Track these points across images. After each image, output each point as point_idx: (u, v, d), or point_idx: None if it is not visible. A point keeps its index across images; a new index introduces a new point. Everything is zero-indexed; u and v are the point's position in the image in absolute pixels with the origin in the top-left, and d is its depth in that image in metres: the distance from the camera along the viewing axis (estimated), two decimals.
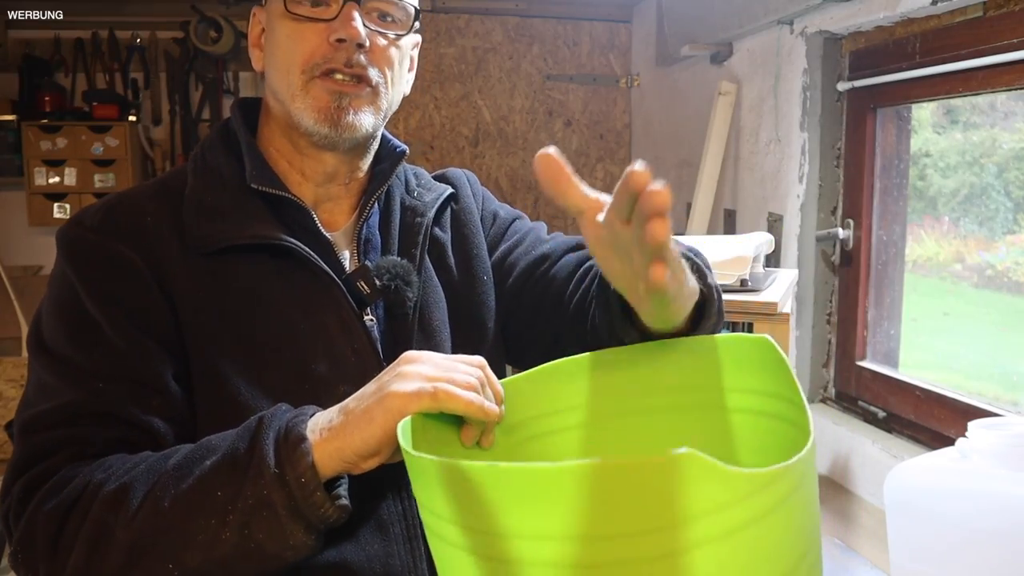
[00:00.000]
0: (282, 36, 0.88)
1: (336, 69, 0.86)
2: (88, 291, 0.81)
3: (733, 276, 1.12)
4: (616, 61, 3.16)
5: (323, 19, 0.86)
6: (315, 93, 0.86)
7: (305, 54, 0.86)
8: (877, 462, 1.56)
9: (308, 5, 0.87)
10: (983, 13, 1.39)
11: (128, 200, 0.86)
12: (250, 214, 0.86)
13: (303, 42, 0.87)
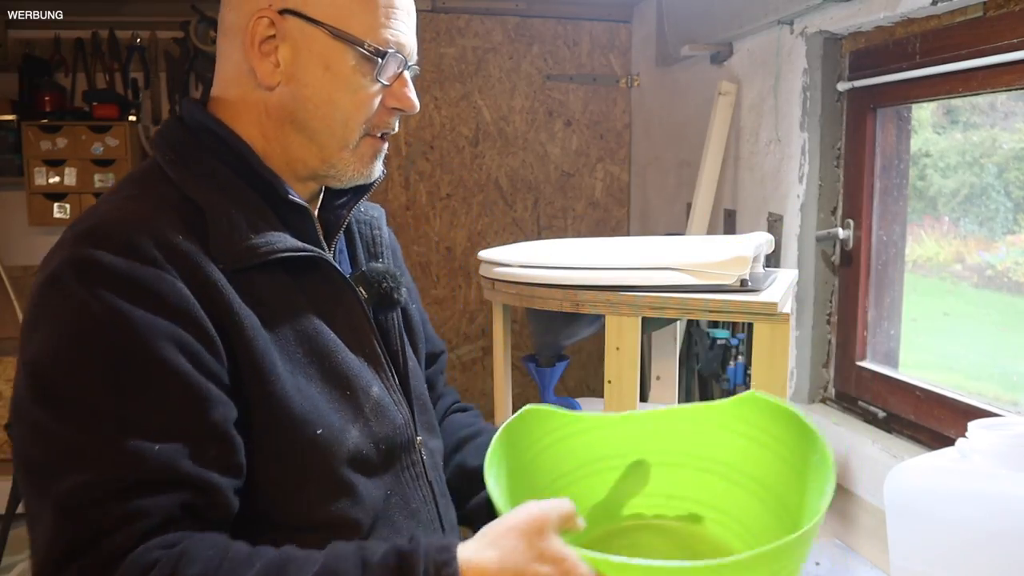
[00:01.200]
0: (348, 85, 0.86)
1: (387, 133, 0.92)
2: (135, 325, 0.71)
3: (733, 276, 1.12)
4: (616, 61, 3.16)
5: (386, 82, 0.88)
6: (364, 150, 0.90)
7: (369, 115, 0.89)
8: (877, 462, 1.56)
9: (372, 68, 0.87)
10: (983, 13, 1.39)
11: (145, 223, 0.77)
12: (277, 228, 0.85)
13: (371, 103, 0.88)
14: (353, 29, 0.86)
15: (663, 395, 1.58)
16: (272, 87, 0.87)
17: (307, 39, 0.86)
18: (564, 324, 1.30)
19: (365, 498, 0.86)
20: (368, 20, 0.86)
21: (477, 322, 3.09)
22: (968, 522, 1.01)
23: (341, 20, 0.86)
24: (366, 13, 0.86)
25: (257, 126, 0.89)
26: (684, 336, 2.20)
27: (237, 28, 0.87)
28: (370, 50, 0.86)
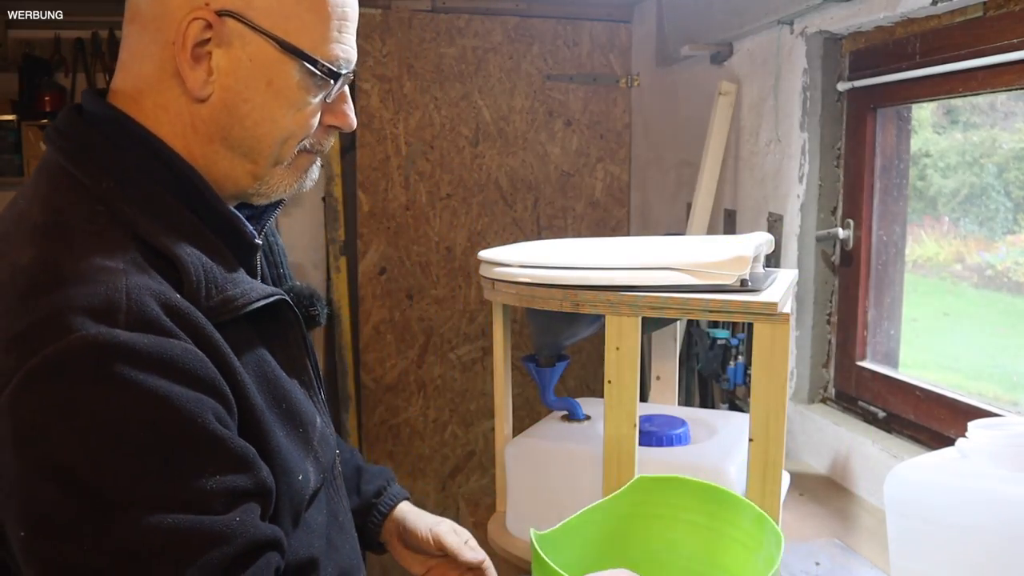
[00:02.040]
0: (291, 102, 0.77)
1: (322, 150, 0.84)
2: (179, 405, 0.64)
3: (733, 276, 1.12)
4: (616, 61, 3.16)
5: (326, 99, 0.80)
6: (297, 167, 0.83)
7: (308, 132, 0.81)
8: (877, 462, 1.56)
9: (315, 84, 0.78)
10: (983, 13, 1.39)
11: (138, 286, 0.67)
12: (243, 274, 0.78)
13: (312, 120, 0.80)
14: (302, 42, 0.75)
15: (663, 395, 1.58)
16: (203, 99, 0.75)
17: (248, 48, 0.75)
18: (564, 324, 1.30)
19: (312, 528, 0.84)
20: (320, 33, 0.76)
21: (477, 322, 3.09)
22: (968, 522, 1.01)
23: (290, 31, 0.75)
24: (318, 25, 0.76)
25: (181, 138, 0.77)
26: (684, 336, 2.20)
27: (159, 21, 0.76)
28: (323, 70, 0.77)
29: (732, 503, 0.96)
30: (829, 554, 1.35)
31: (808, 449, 1.81)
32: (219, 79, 0.75)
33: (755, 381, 1.12)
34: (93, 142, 0.75)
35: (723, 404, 2.18)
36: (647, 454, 1.24)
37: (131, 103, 0.78)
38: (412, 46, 3.02)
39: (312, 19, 0.76)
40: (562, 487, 1.29)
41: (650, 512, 1.00)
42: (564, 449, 1.31)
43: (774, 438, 1.11)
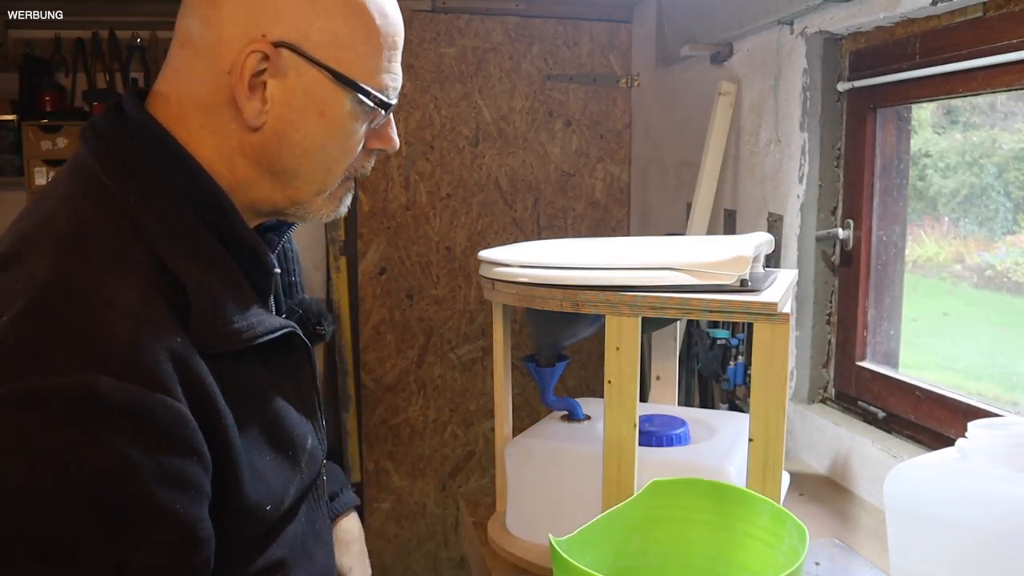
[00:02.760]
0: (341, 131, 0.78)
1: (361, 176, 0.86)
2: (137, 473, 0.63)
3: (733, 276, 1.12)
4: (616, 61, 3.16)
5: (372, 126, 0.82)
6: (338, 193, 0.85)
7: (352, 160, 0.82)
8: (877, 462, 1.56)
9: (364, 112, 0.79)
10: (983, 13, 1.39)
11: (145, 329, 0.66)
12: (254, 305, 0.77)
13: (356, 148, 0.81)
14: (356, 73, 0.77)
15: (663, 395, 1.58)
16: (258, 128, 0.76)
17: (303, 79, 0.76)
18: (564, 324, 1.30)
19: (285, 541, 0.84)
20: (373, 63, 0.78)
21: (477, 322, 3.09)
22: (968, 522, 1.01)
23: (343, 62, 0.76)
24: (372, 56, 0.77)
25: (226, 161, 0.78)
26: (684, 336, 2.20)
27: (214, 50, 0.77)
28: (374, 100, 0.78)
29: (749, 501, 0.97)
30: (829, 554, 1.35)
31: (808, 449, 1.81)
32: (273, 109, 0.76)
33: (755, 381, 1.12)
34: (128, 150, 0.75)
35: (723, 404, 2.18)
36: (647, 454, 1.24)
37: (175, 120, 0.78)
38: (412, 46, 3.02)
39: (366, 50, 0.77)
40: (562, 487, 1.29)
41: (666, 515, 1.00)
42: (564, 449, 1.31)
43: (774, 438, 1.11)
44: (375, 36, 0.77)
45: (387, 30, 0.78)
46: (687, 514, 1.00)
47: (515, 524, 1.36)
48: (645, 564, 0.99)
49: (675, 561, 1.00)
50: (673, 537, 1.00)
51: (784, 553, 0.91)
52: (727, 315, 1.11)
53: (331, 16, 0.75)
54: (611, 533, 0.96)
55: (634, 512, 0.98)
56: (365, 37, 0.77)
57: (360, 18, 0.76)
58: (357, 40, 0.76)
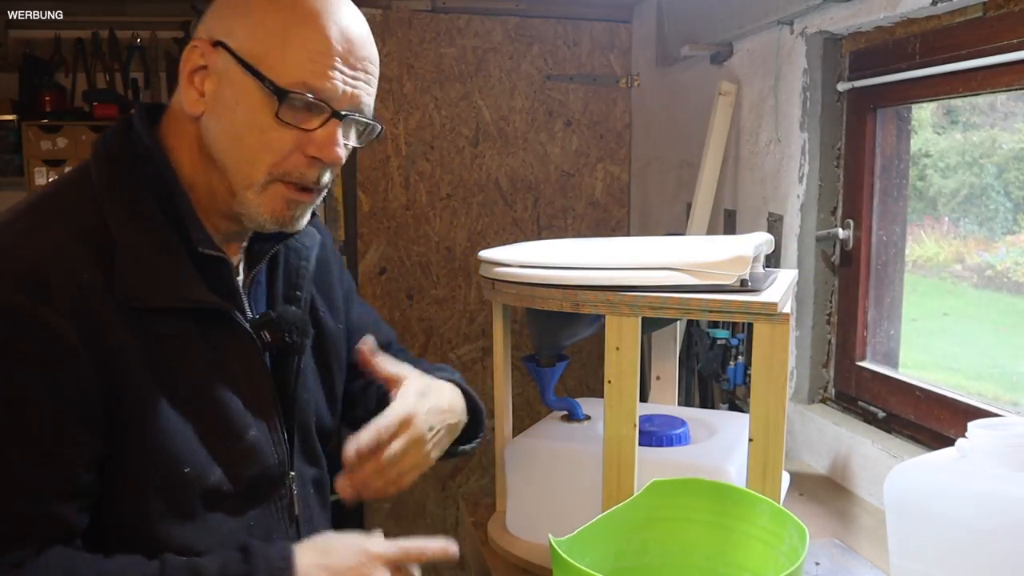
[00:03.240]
0: (254, 124, 0.84)
1: (304, 183, 0.88)
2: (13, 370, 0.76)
3: (733, 276, 1.12)
4: (616, 61, 3.16)
5: (304, 128, 0.85)
6: (272, 195, 0.87)
7: (277, 158, 0.86)
8: (877, 462, 1.56)
9: (292, 112, 0.84)
10: (983, 13, 1.39)
11: (56, 256, 0.79)
12: (187, 276, 0.86)
13: (279, 145, 0.85)
14: (266, 66, 0.83)
15: (663, 395, 1.58)
16: (195, 116, 0.86)
17: (228, 72, 0.84)
18: (564, 324, 1.30)
19: (215, 530, 0.88)
20: (291, 59, 0.83)
21: (477, 322, 3.09)
22: (968, 522, 1.01)
23: (258, 56, 0.83)
24: (288, 51, 0.83)
25: (189, 152, 0.89)
26: (684, 336, 2.20)
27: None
28: (271, 87, 0.82)
29: (749, 501, 0.97)
30: (829, 554, 1.35)
31: (808, 449, 1.81)
32: (208, 100, 0.86)
33: (755, 381, 1.12)
34: (119, 154, 0.88)
35: (723, 404, 2.18)
36: (647, 454, 1.24)
37: (170, 128, 0.90)
38: (412, 46, 3.02)
39: (281, 45, 0.83)
40: (562, 487, 1.29)
41: (666, 515, 1.00)
42: (564, 449, 1.31)
43: (774, 438, 1.11)
44: (295, 36, 0.83)
45: (311, 33, 0.84)
46: (687, 514, 1.00)
47: (515, 524, 1.36)
48: (645, 564, 0.99)
49: (675, 561, 1.00)
50: (673, 537, 1.00)
51: (784, 553, 0.91)
52: (727, 315, 1.11)
53: (259, 19, 0.84)
54: (611, 533, 0.96)
55: (634, 512, 0.98)
56: (289, 39, 0.83)
57: (287, 22, 0.83)
58: (279, 41, 0.83)
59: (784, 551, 0.91)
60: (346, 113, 0.87)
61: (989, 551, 0.99)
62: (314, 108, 0.85)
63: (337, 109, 0.86)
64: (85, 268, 0.80)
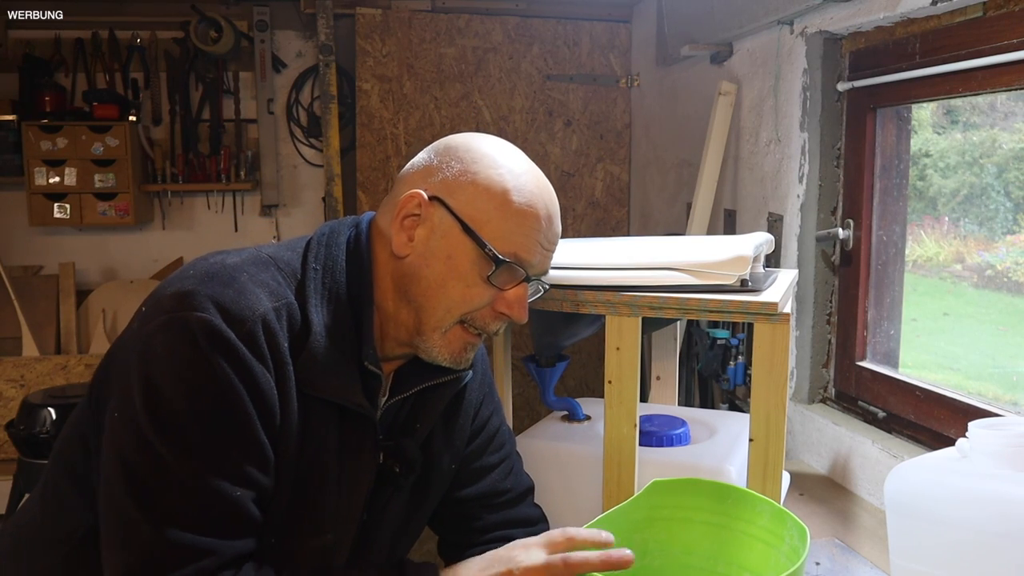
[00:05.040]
0: (462, 278, 0.93)
1: (485, 332, 0.97)
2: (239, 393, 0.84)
3: (733, 276, 1.12)
4: (616, 61, 3.16)
5: (502, 289, 0.94)
6: (453, 338, 0.96)
7: (469, 308, 0.94)
8: (877, 462, 1.56)
9: (505, 277, 0.93)
10: (983, 13, 1.39)
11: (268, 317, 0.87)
12: (351, 378, 0.93)
13: (478, 300, 0.94)
14: (484, 231, 0.92)
15: (663, 395, 1.58)
16: (401, 257, 0.95)
17: (442, 227, 0.93)
18: (564, 324, 1.30)
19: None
20: (503, 228, 0.93)
21: None
22: (968, 522, 1.01)
23: (477, 221, 0.93)
24: (502, 221, 0.93)
25: (384, 279, 0.97)
26: (684, 336, 2.20)
27: (398, 192, 0.97)
28: (490, 254, 0.92)
29: (749, 501, 0.97)
30: (829, 554, 1.35)
31: (808, 449, 1.81)
32: (416, 245, 0.94)
33: (755, 381, 1.12)
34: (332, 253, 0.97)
35: (723, 404, 2.18)
36: (647, 454, 1.24)
37: (376, 245, 0.98)
38: (412, 46, 3.02)
39: (499, 216, 0.93)
40: (562, 487, 1.29)
41: (666, 515, 1.00)
42: (564, 449, 1.31)
43: (774, 438, 1.11)
44: (513, 212, 0.94)
45: (527, 212, 0.95)
46: (687, 514, 1.00)
47: None
48: (645, 564, 0.99)
49: (675, 561, 1.00)
50: (673, 537, 1.00)
51: (785, 553, 0.90)
52: (727, 315, 1.11)
53: (484, 188, 0.94)
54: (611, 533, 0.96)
55: (634, 512, 0.98)
56: (499, 208, 0.94)
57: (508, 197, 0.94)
58: (492, 207, 0.94)
59: (785, 551, 0.90)
60: (535, 278, 0.98)
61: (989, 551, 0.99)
62: (517, 275, 0.95)
63: (532, 276, 0.97)
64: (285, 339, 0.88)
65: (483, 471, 1.13)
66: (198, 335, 0.83)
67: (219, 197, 3.29)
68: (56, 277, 3.14)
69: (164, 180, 3.18)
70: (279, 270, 0.93)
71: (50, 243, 3.21)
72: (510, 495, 1.15)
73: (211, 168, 3.20)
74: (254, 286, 0.89)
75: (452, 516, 1.14)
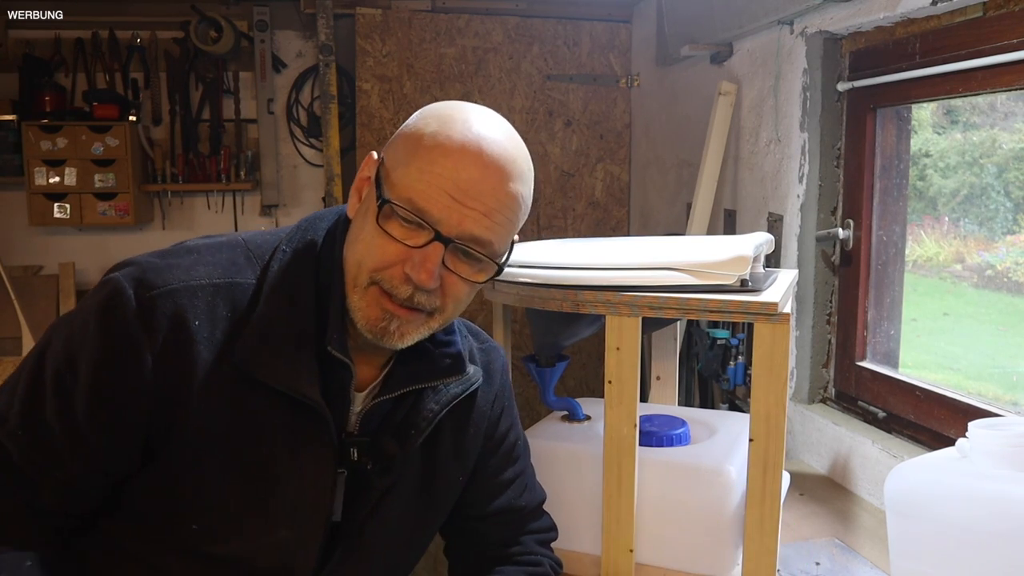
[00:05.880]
0: (369, 229, 0.86)
1: (395, 296, 0.86)
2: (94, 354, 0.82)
3: (733, 276, 1.12)
4: (616, 61, 3.16)
5: (406, 244, 0.85)
6: (369, 300, 0.87)
7: (376, 263, 0.86)
8: (877, 462, 1.56)
9: (399, 224, 0.85)
10: (983, 13, 1.39)
11: (188, 291, 0.84)
12: (305, 369, 0.86)
13: (381, 252, 0.85)
14: (389, 177, 0.86)
15: (663, 395, 1.58)
16: (349, 219, 0.91)
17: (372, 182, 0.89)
18: (564, 324, 1.30)
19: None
20: (405, 173, 0.85)
21: (477, 322, 3.09)
22: (968, 522, 1.01)
23: (387, 167, 0.87)
24: (407, 166, 0.85)
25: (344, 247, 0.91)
26: (684, 336, 2.20)
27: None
28: (378, 196, 0.85)
29: None
30: (829, 554, 1.35)
31: (808, 449, 1.81)
32: (361, 205, 0.89)
33: (755, 381, 1.12)
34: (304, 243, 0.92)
35: (723, 404, 2.18)
36: (647, 454, 1.24)
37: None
38: (412, 46, 3.02)
39: (404, 162, 0.86)
40: (562, 487, 1.29)
41: None
42: (564, 449, 1.31)
43: (774, 438, 1.11)
44: (419, 155, 0.85)
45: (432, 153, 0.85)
46: None
47: None
48: None
49: None
50: None
51: None
52: (727, 315, 1.11)
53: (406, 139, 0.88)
54: None
55: None
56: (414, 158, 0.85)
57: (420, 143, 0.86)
58: (407, 158, 0.86)
59: None
60: (455, 240, 0.85)
61: (989, 551, 0.99)
62: (414, 224, 0.84)
63: (444, 233, 0.84)
64: (201, 318, 0.84)
65: (499, 488, 1.09)
66: (102, 292, 0.83)
67: (219, 197, 3.29)
68: (56, 277, 3.14)
69: (164, 180, 3.18)
70: (247, 252, 0.90)
71: (50, 243, 3.21)
72: (525, 511, 1.13)
73: (211, 168, 3.20)
74: (196, 263, 0.86)
75: (464, 531, 1.11)
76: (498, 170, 0.87)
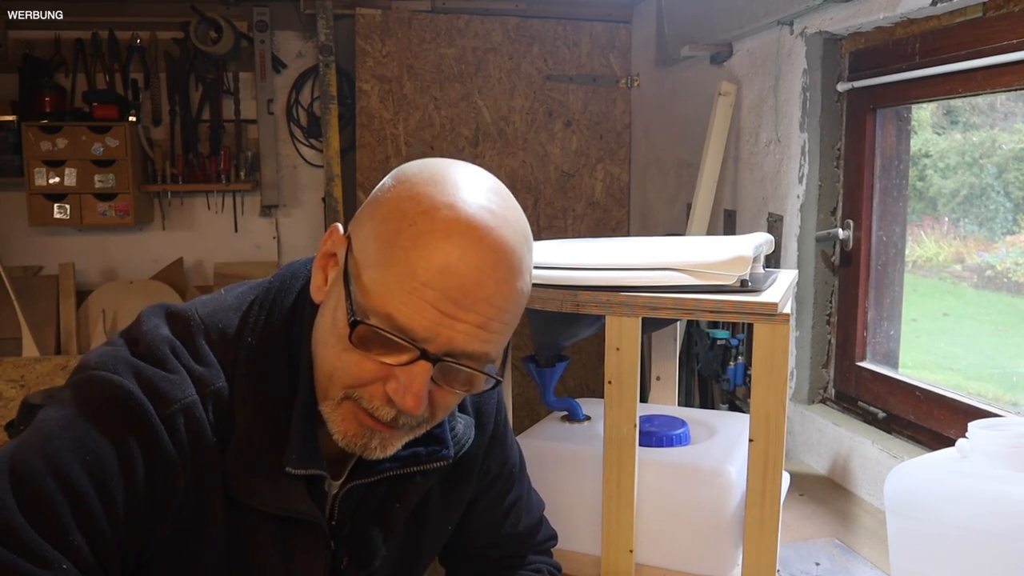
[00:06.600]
0: (338, 338, 0.73)
1: (376, 416, 0.74)
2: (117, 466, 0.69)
3: (733, 276, 1.12)
4: (616, 61, 3.16)
5: (385, 362, 0.72)
6: (344, 414, 0.75)
7: (351, 381, 0.74)
8: (877, 462, 1.56)
9: (380, 346, 0.71)
10: (983, 13, 1.39)
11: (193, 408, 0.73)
12: (292, 486, 0.77)
13: (357, 369, 0.73)
14: (360, 283, 0.71)
15: (663, 396, 1.58)
16: (316, 303, 0.78)
17: (338, 269, 0.75)
18: (564, 324, 1.30)
19: None
20: (382, 275, 0.70)
21: None
22: (968, 522, 1.01)
23: (360, 263, 0.72)
24: (384, 267, 0.70)
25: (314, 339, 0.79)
26: (684, 336, 2.20)
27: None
28: (349, 308, 0.71)
29: None
30: (829, 554, 1.35)
31: (808, 449, 1.81)
32: (328, 290, 0.76)
33: (755, 381, 1.12)
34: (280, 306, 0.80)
35: (723, 404, 2.18)
36: (647, 454, 1.24)
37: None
38: (412, 46, 3.02)
39: (380, 261, 0.71)
40: (562, 487, 1.29)
41: None
42: (564, 449, 1.31)
43: (774, 438, 1.11)
44: (397, 255, 0.70)
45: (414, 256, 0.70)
46: None
47: None
48: None
49: None
50: None
51: None
52: (726, 316, 1.11)
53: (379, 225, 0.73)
54: None
55: None
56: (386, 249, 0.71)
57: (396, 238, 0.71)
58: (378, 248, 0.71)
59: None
60: (443, 357, 0.72)
61: (989, 551, 0.99)
62: (393, 345, 0.71)
63: (432, 352, 0.71)
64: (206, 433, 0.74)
65: (495, 522, 1.04)
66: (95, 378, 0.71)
67: (219, 197, 3.29)
68: (56, 277, 3.14)
69: (164, 180, 3.18)
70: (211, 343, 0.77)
71: (50, 243, 3.21)
72: (524, 534, 1.08)
73: (211, 168, 3.20)
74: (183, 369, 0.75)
75: (459, 556, 1.08)
76: (495, 269, 0.71)
